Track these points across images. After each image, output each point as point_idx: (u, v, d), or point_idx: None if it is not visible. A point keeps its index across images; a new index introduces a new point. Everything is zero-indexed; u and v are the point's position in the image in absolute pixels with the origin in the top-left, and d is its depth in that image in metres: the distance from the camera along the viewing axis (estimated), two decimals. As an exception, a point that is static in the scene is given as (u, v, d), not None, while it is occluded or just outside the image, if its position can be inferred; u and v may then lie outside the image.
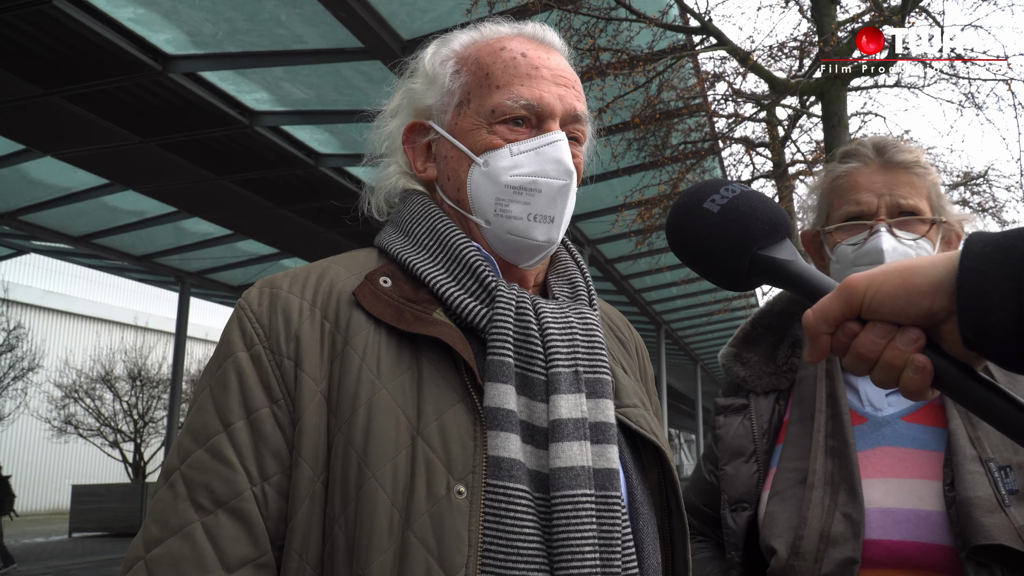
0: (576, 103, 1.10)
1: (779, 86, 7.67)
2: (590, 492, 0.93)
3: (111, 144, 7.95)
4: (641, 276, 14.71)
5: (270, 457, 0.92)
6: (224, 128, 7.69)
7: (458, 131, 1.09)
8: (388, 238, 1.11)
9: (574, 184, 1.07)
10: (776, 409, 1.44)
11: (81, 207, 9.96)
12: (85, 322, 25.45)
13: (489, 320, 1.00)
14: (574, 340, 1.03)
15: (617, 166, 8.92)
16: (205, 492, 0.90)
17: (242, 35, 6.35)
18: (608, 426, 1.00)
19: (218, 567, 0.87)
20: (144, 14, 6.01)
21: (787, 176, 10.86)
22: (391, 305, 0.99)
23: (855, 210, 1.41)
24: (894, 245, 1.36)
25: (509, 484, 0.91)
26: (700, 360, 26.43)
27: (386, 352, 0.96)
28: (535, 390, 0.98)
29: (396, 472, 0.89)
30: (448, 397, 0.95)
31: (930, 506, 1.21)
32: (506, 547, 0.89)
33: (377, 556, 0.87)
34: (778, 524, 1.27)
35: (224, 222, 10.73)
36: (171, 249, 12.06)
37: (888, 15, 6.70)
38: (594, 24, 7.15)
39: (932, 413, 1.31)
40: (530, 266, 1.10)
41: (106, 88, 6.90)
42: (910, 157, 1.41)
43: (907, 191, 1.39)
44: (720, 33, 7.18)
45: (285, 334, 0.96)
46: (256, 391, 0.94)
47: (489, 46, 1.11)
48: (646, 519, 1.04)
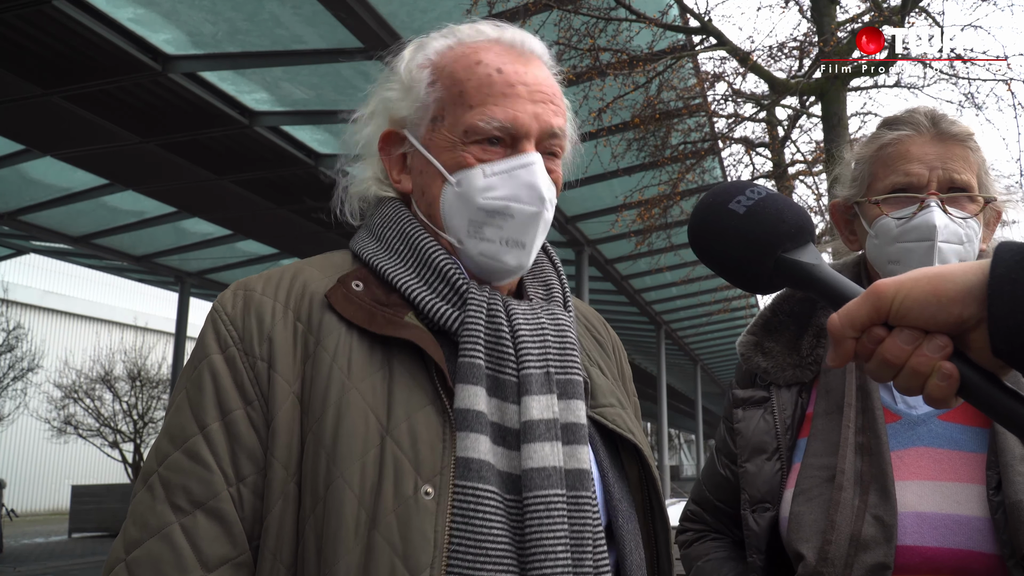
0: (553, 119, 1.08)
1: (779, 86, 7.67)
2: (562, 492, 0.94)
3: (111, 144, 7.95)
4: (641, 276, 14.71)
5: (245, 458, 0.93)
6: (224, 128, 7.68)
7: (432, 146, 1.08)
8: (361, 243, 1.12)
9: (548, 210, 1.07)
10: (799, 402, 1.35)
11: (81, 207, 9.95)
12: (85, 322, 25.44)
13: (460, 323, 1.01)
14: (546, 341, 1.04)
15: (617, 166, 8.92)
16: (183, 493, 0.91)
17: (242, 35, 6.35)
18: (579, 427, 1.00)
19: (197, 567, 0.88)
20: (144, 14, 6.01)
21: (787, 176, 10.85)
22: (363, 308, 1.00)
23: (903, 181, 1.30)
24: (945, 222, 1.25)
25: (478, 485, 0.91)
26: (700, 360, 26.42)
27: (357, 354, 0.97)
28: (506, 392, 0.99)
29: (364, 471, 0.90)
30: (418, 399, 0.96)
31: (971, 511, 1.13)
32: (473, 548, 0.89)
33: (344, 555, 0.87)
34: (805, 527, 1.19)
35: (224, 222, 10.72)
36: (171, 249, 12.06)
37: (888, 15, 6.70)
38: (594, 24, 7.15)
39: (972, 411, 1.22)
40: (500, 284, 1.11)
41: (106, 88, 6.90)
42: (965, 130, 1.31)
43: (960, 165, 1.29)
44: (720, 33, 7.18)
45: (258, 336, 0.97)
46: (230, 393, 0.95)
47: (465, 57, 1.08)
48: (626, 516, 1.04)
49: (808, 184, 11.59)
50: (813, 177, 11.29)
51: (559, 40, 7.01)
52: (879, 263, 1.32)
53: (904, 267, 1.26)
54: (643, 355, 26.23)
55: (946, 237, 1.25)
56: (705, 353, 25.67)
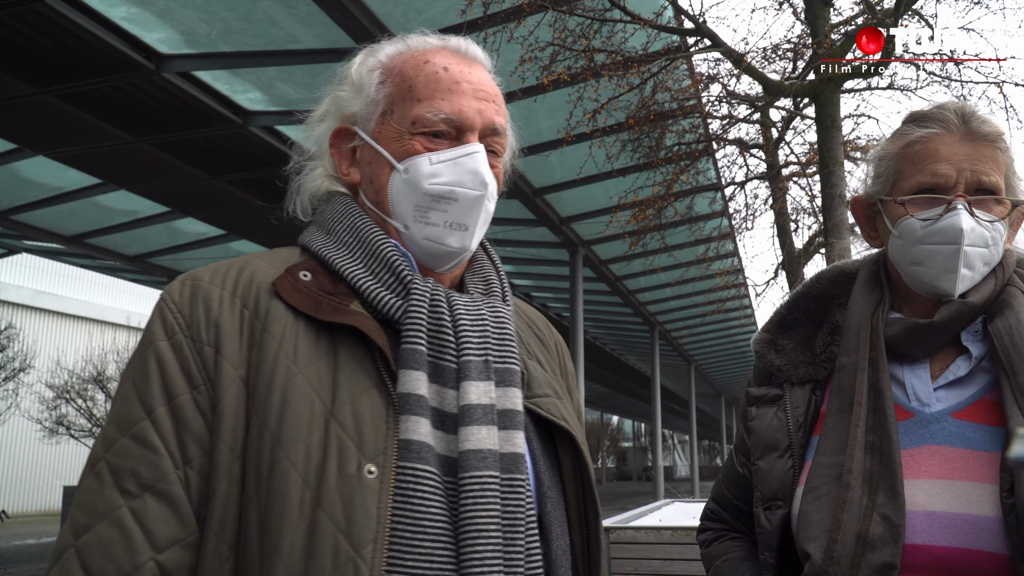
0: (495, 117, 1.15)
1: (773, 88, 7.69)
2: (496, 474, 0.98)
3: (104, 143, 7.93)
4: (635, 277, 14.73)
5: (192, 441, 0.95)
6: (218, 128, 7.67)
7: (381, 138, 1.13)
8: (310, 236, 1.15)
9: (490, 195, 1.13)
10: (812, 400, 1.34)
11: (73, 207, 9.92)
12: (77, 322, 25.35)
13: (404, 312, 1.05)
14: (485, 331, 1.08)
15: (611, 167, 8.92)
16: (131, 477, 0.93)
17: (236, 34, 6.34)
18: (515, 413, 1.05)
19: (147, 548, 0.90)
20: (137, 13, 5.99)
21: (780, 178, 10.88)
22: (310, 296, 1.03)
23: (930, 182, 1.25)
24: (972, 225, 1.22)
25: (418, 465, 0.95)
26: (694, 361, 26.46)
27: (303, 340, 1.00)
28: (446, 377, 1.03)
29: (309, 453, 0.93)
30: (363, 383, 0.99)
31: (982, 510, 1.12)
32: (413, 525, 0.92)
33: (287, 533, 0.90)
34: (812, 526, 1.18)
35: (217, 222, 10.71)
36: (164, 249, 12.02)
37: (881, 17, 6.72)
38: (589, 25, 7.16)
39: (987, 411, 1.20)
40: (445, 271, 1.16)
41: (99, 87, 6.88)
42: (995, 130, 1.26)
43: (990, 167, 1.24)
44: (714, 35, 7.19)
45: (205, 322, 1.00)
46: (177, 378, 0.97)
47: (414, 59, 1.15)
48: (554, 503, 1.08)
49: (801, 185, 11.63)
50: (807, 178, 11.33)
51: (554, 41, 7.01)
52: (902, 264, 1.31)
53: (928, 269, 1.25)
54: (637, 356, 26.27)
55: (972, 241, 1.22)
56: (699, 354, 25.71)
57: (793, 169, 11.35)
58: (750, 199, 12.64)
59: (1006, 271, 1.30)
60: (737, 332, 20.34)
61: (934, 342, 1.27)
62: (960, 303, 1.25)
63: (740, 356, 26.36)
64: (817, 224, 11.58)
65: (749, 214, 11.25)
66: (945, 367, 1.27)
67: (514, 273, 15.03)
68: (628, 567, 6.12)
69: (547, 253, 12.79)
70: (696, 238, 11.46)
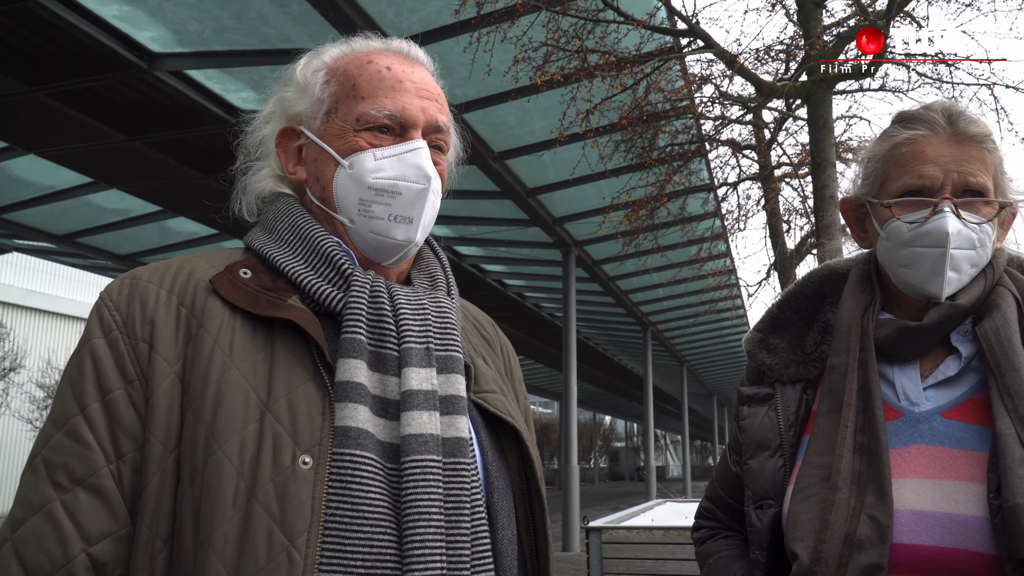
0: (438, 115, 1.17)
1: (765, 89, 7.71)
2: (437, 459, 0.99)
3: (95, 142, 7.90)
4: (628, 277, 14.76)
5: (124, 436, 0.97)
6: (210, 127, 7.65)
7: (327, 136, 1.15)
8: (253, 236, 1.17)
9: (434, 188, 1.15)
10: (804, 399, 1.34)
11: (65, 206, 9.88)
12: (68, 322, 25.24)
13: (344, 304, 1.06)
14: (427, 320, 1.10)
15: (604, 167, 8.94)
16: (63, 471, 0.94)
17: (229, 33, 6.32)
18: (458, 399, 1.06)
19: (79, 541, 0.92)
20: (129, 11, 5.97)
21: (773, 178, 10.91)
22: (248, 293, 1.05)
23: (917, 184, 1.25)
24: (959, 228, 1.22)
25: (355, 452, 0.96)
26: (686, 361, 26.51)
27: (240, 335, 1.01)
28: (387, 365, 1.04)
29: (243, 445, 0.94)
30: (299, 376, 1.00)
31: (969, 510, 1.12)
32: (351, 511, 0.93)
33: (221, 524, 0.91)
34: (800, 526, 1.19)
35: (210, 222, 10.67)
36: (156, 248, 11.99)
37: (873, 19, 6.74)
38: (582, 26, 7.16)
39: (976, 410, 1.20)
40: (391, 264, 1.17)
41: (91, 86, 6.85)
42: (983, 130, 1.25)
43: (977, 168, 1.24)
44: (707, 36, 7.20)
45: (141, 319, 1.01)
46: (111, 374, 0.99)
47: (357, 59, 1.18)
48: (502, 493, 1.09)
49: (794, 186, 11.66)
50: (799, 179, 11.36)
51: (547, 41, 7.02)
52: (890, 266, 1.31)
53: (915, 272, 1.26)
54: (629, 356, 26.31)
55: (959, 244, 1.22)
56: (691, 354, 25.76)
57: (785, 170, 11.37)
58: (742, 200, 12.73)
59: (996, 271, 1.30)
60: (729, 332, 20.38)
61: (923, 344, 1.28)
62: (949, 306, 1.25)
63: (732, 356, 26.42)
64: (809, 225, 11.61)
65: (741, 215, 11.28)
66: (935, 367, 1.27)
67: (507, 273, 15.04)
68: (620, 567, 6.12)
69: (540, 253, 12.80)
70: (689, 238, 11.48)
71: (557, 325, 17.45)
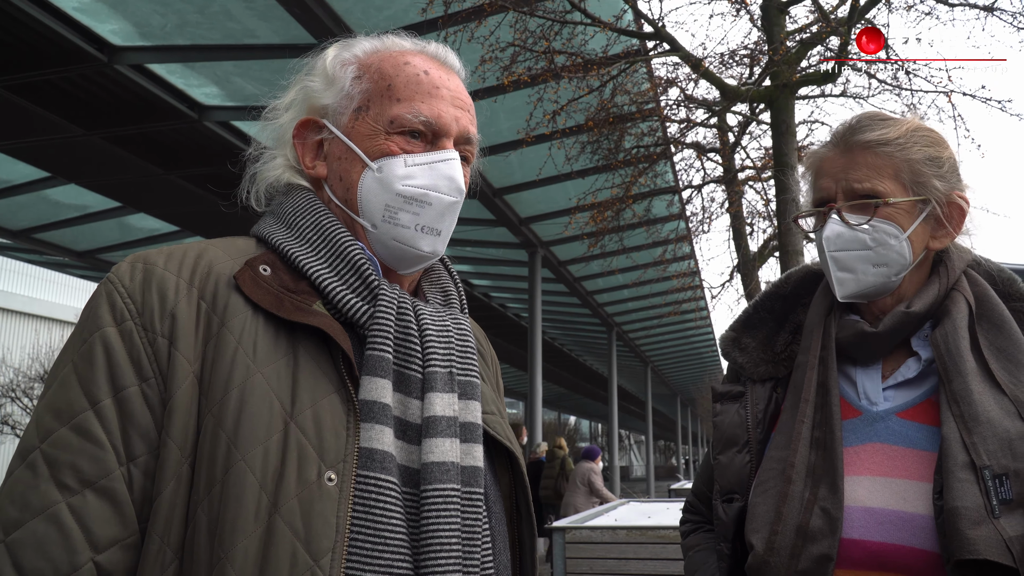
0: (470, 126, 1.15)
1: (730, 93, 7.79)
2: (457, 487, 0.97)
3: (54, 136, 7.73)
4: (593, 278, 14.82)
5: (138, 437, 0.90)
6: (172, 122, 7.54)
7: (355, 135, 1.10)
8: (268, 228, 1.11)
9: (461, 202, 1.12)
10: (773, 397, 1.38)
11: (21, 200, 9.66)
12: (24, 319, 24.67)
13: (370, 317, 1.02)
14: (450, 343, 1.08)
15: (570, 168, 8.97)
16: (71, 472, 0.87)
17: (192, 27, 6.23)
18: (476, 426, 1.05)
19: (87, 548, 0.85)
20: (89, 3, 5.86)
21: (737, 181, 11.03)
22: (271, 293, 0.99)
23: (819, 197, 1.34)
24: (837, 232, 1.28)
25: (380, 476, 0.93)
26: (650, 362, 26.70)
27: (263, 338, 0.96)
28: (411, 387, 1.01)
29: (267, 456, 0.89)
30: (323, 387, 0.96)
31: (916, 508, 1.15)
32: (373, 536, 0.91)
33: (241, 539, 0.86)
34: (757, 518, 1.23)
35: (171, 218, 10.51)
36: (115, 245, 11.77)
37: (835, 26, 6.86)
38: (549, 27, 7.18)
39: (930, 411, 1.24)
40: (408, 273, 1.14)
41: (49, 78, 6.71)
42: (879, 136, 1.30)
43: (863, 173, 1.29)
44: (673, 39, 7.27)
45: (160, 311, 0.95)
46: (125, 368, 0.92)
47: (392, 58, 1.13)
48: (498, 518, 1.09)
49: (757, 190, 11.81)
50: (762, 183, 11.50)
51: (514, 42, 7.02)
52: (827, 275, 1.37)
53: (831, 278, 1.32)
54: (595, 356, 26.42)
55: (839, 246, 1.29)
56: (655, 355, 25.95)
57: (749, 173, 11.51)
58: (707, 202, 12.82)
59: (951, 273, 1.33)
60: (693, 334, 20.58)
61: (880, 348, 1.32)
62: (903, 313, 1.29)
63: (696, 357, 26.68)
64: (772, 228, 11.77)
65: (705, 217, 11.39)
66: (896, 368, 1.31)
67: (473, 273, 15.02)
68: (583, 567, 6.14)
69: (506, 253, 12.81)
70: (653, 240, 11.57)
71: (523, 325, 17.48)
